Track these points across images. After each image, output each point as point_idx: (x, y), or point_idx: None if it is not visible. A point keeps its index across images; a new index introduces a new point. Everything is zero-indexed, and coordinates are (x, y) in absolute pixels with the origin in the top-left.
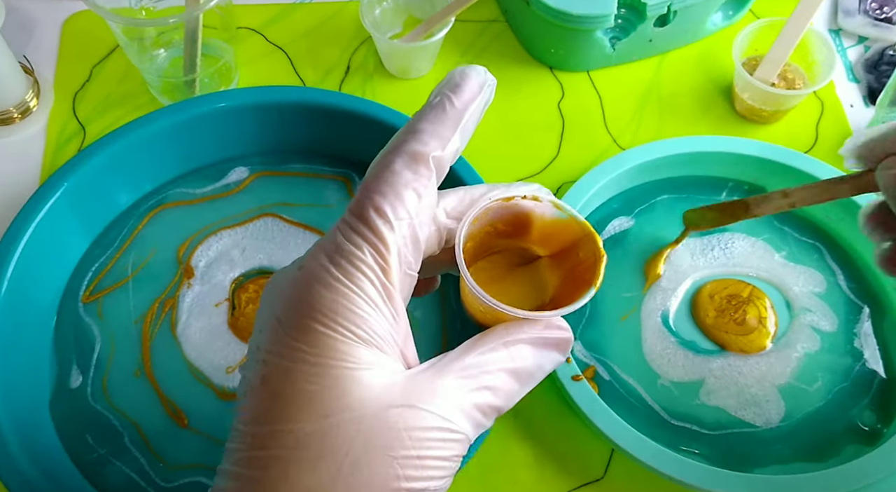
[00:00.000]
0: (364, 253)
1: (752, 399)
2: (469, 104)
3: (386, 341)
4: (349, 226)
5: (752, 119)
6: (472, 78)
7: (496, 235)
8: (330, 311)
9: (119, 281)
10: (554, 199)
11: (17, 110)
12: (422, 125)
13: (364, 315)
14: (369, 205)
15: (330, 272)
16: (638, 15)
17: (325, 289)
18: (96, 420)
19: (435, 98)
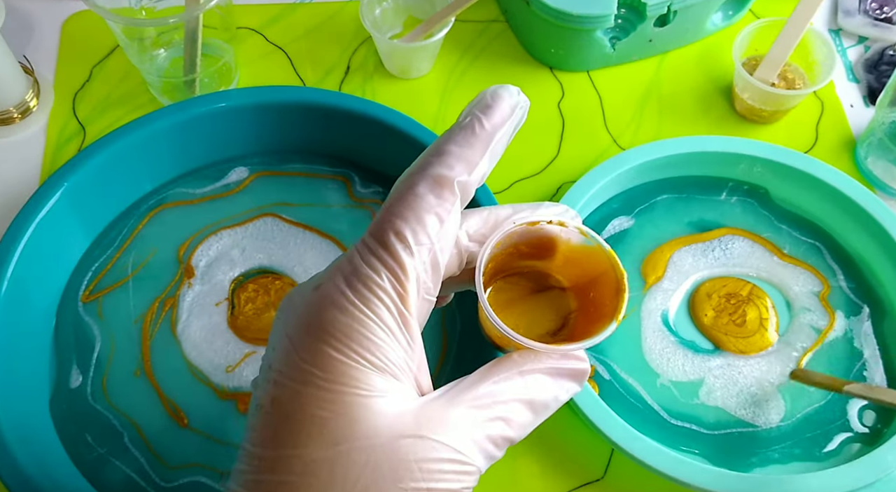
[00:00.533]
0: (382, 278)
1: (751, 399)
2: (500, 127)
3: (400, 369)
4: (368, 249)
5: (752, 119)
6: (504, 99)
7: (518, 257)
8: (344, 336)
9: (119, 281)
10: (580, 225)
11: (17, 110)
12: (449, 147)
13: (379, 342)
14: (390, 229)
15: (346, 296)
16: (638, 15)
17: (340, 313)
18: (96, 420)
19: (465, 118)
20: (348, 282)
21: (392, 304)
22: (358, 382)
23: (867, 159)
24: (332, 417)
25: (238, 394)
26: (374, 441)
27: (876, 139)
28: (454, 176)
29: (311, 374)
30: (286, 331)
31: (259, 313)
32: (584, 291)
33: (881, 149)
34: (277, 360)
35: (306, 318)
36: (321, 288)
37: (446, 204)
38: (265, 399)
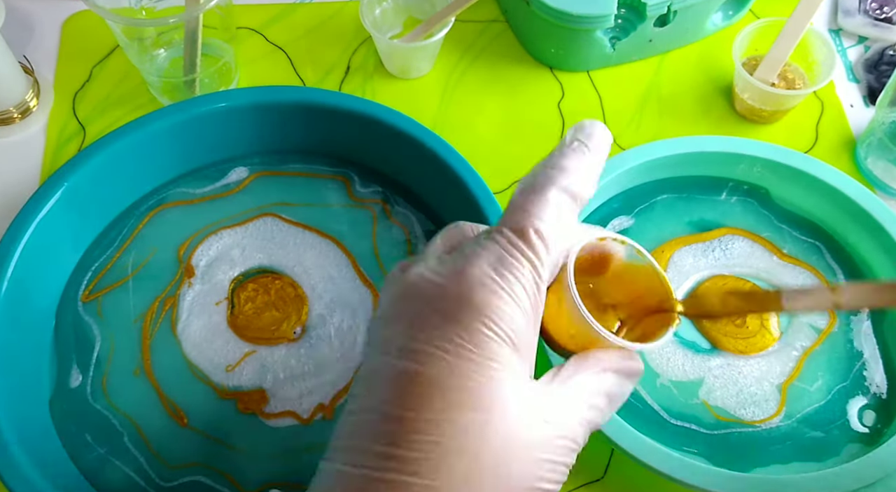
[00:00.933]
0: (524, 266)
1: (751, 399)
2: (600, 157)
3: (529, 350)
4: (509, 241)
5: (752, 119)
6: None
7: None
8: (496, 316)
9: (119, 280)
10: (636, 245)
11: (17, 110)
12: (567, 163)
13: (521, 324)
14: (530, 226)
15: (495, 280)
16: (638, 15)
17: (490, 295)
18: (96, 419)
19: (572, 143)
20: (495, 268)
21: (531, 290)
22: (505, 359)
23: (867, 159)
24: (480, 387)
25: (238, 393)
26: (515, 414)
27: (876, 139)
28: (577, 191)
29: (466, 348)
30: (434, 309)
31: (259, 313)
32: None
33: (881, 149)
34: (424, 334)
35: (458, 297)
36: (468, 272)
37: (569, 211)
38: (412, 367)
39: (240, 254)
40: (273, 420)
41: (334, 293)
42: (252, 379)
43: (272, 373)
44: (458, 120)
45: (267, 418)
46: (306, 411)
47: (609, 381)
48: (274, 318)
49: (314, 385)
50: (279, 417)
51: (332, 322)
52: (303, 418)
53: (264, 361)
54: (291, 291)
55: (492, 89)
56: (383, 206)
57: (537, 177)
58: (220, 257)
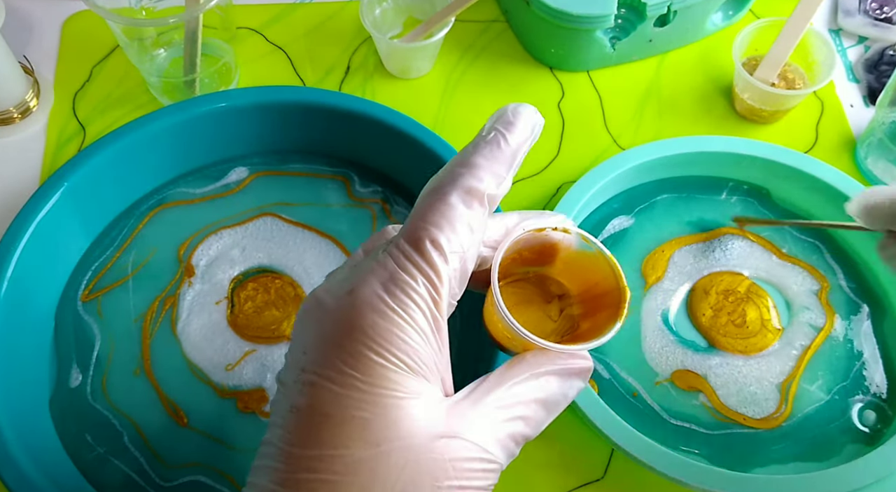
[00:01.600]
0: (418, 284)
1: (751, 398)
2: (522, 143)
3: (431, 371)
4: (403, 255)
5: (752, 119)
6: (526, 117)
7: (521, 262)
8: (384, 340)
9: (119, 280)
10: (583, 232)
11: (17, 110)
12: (477, 159)
13: (415, 346)
14: (426, 236)
15: (384, 301)
16: (638, 15)
17: (379, 317)
18: (96, 419)
19: (489, 133)
20: (385, 287)
21: (427, 308)
22: (396, 384)
23: (867, 159)
24: (372, 418)
25: (238, 392)
26: (412, 442)
27: (876, 139)
28: (484, 189)
29: (351, 376)
30: (322, 334)
31: (259, 312)
32: (585, 295)
33: (881, 149)
34: (313, 362)
35: (345, 322)
36: (357, 292)
37: (477, 215)
38: (300, 401)
39: (240, 253)
40: None
41: None
42: (252, 378)
43: (272, 372)
44: (458, 120)
45: (267, 417)
46: None
47: (545, 386)
48: (274, 317)
49: None
50: None
51: None
52: None
53: (264, 361)
54: (291, 290)
55: (492, 89)
56: (383, 205)
57: (441, 177)
58: (220, 257)
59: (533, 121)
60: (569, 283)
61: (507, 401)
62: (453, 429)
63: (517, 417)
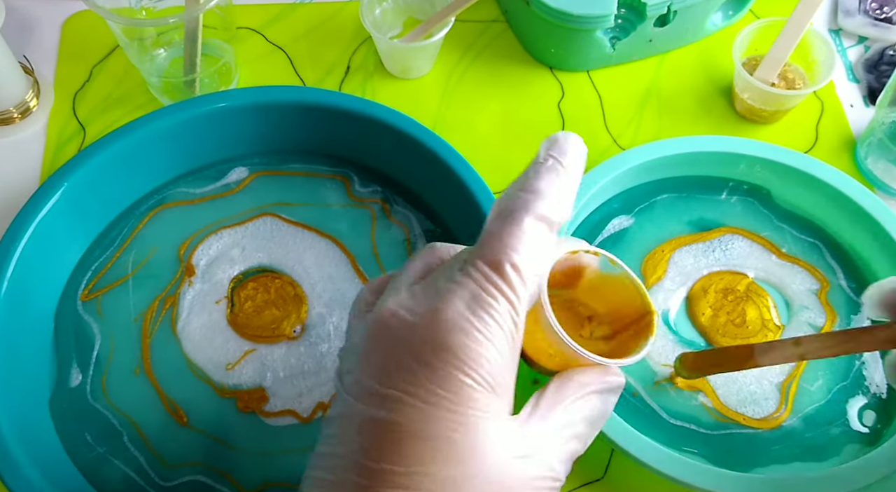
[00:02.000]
0: (500, 304)
1: (751, 397)
2: (576, 172)
3: (507, 389)
4: (484, 277)
5: (752, 119)
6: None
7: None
8: (471, 360)
9: (119, 279)
10: (609, 255)
11: (17, 110)
12: (541, 186)
13: (498, 367)
14: (506, 260)
15: (470, 321)
16: (638, 15)
17: (466, 338)
18: (95, 419)
19: (546, 160)
20: (470, 308)
21: (508, 330)
22: (481, 404)
23: (867, 159)
24: (458, 437)
25: (237, 392)
26: (494, 460)
27: (876, 139)
28: (553, 217)
29: (440, 396)
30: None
31: (259, 311)
32: (613, 316)
33: (881, 149)
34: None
35: (433, 341)
36: (443, 312)
37: (546, 241)
38: (382, 415)
39: (240, 253)
40: (273, 419)
41: (334, 292)
42: (252, 378)
43: (272, 371)
44: (458, 120)
45: (267, 416)
46: (306, 409)
47: (590, 404)
48: (274, 316)
49: (314, 384)
50: (279, 415)
51: (332, 321)
52: (303, 417)
53: (264, 360)
54: (291, 290)
55: (492, 89)
56: (382, 205)
57: (512, 202)
58: (220, 257)
59: (582, 149)
60: (595, 304)
61: (565, 420)
62: (529, 449)
63: (573, 436)
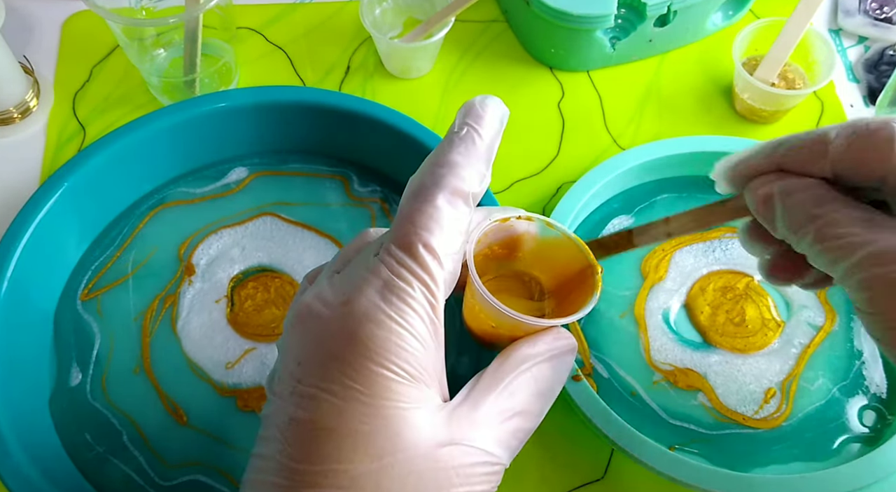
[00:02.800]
0: (414, 289)
1: (750, 397)
2: (495, 138)
3: (430, 376)
4: (396, 261)
5: (752, 119)
6: (493, 109)
7: (493, 259)
8: (384, 350)
9: (119, 279)
10: (545, 218)
11: (17, 110)
12: (455, 158)
13: (416, 353)
14: (418, 241)
15: (382, 310)
16: (638, 15)
17: (378, 327)
18: (95, 418)
19: (461, 129)
20: (382, 296)
21: (425, 313)
22: (398, 395)
23: None
24: (374, 430)
25: (237, 391)
26: (415, 452)
27: None
28: (468, 188)
29: (353, 389)
30: (319, 345)
31: (259, 310)
32: (559, 279)
33: None
34: (311, 374)
35: (344, 333)
36: (354, 302)
37: (463, 215)
38: (300, 414)
39: (240, 253)
40: None
41: None
42: (252, 376)
43: None
44: None
45: None
46: None
47: (539, 375)
48: (274, 315)
49: None
50: None
51: None
52: None
53: (264, 359)
54: (290, 289)
55: (492, 89)
56: (382, 205)
57: (424, 178)
58: (220, 256)
59: (501, 112)
60: (541, 272)
61: (503, 399)
62: (455, 436)
63: (515, 413)
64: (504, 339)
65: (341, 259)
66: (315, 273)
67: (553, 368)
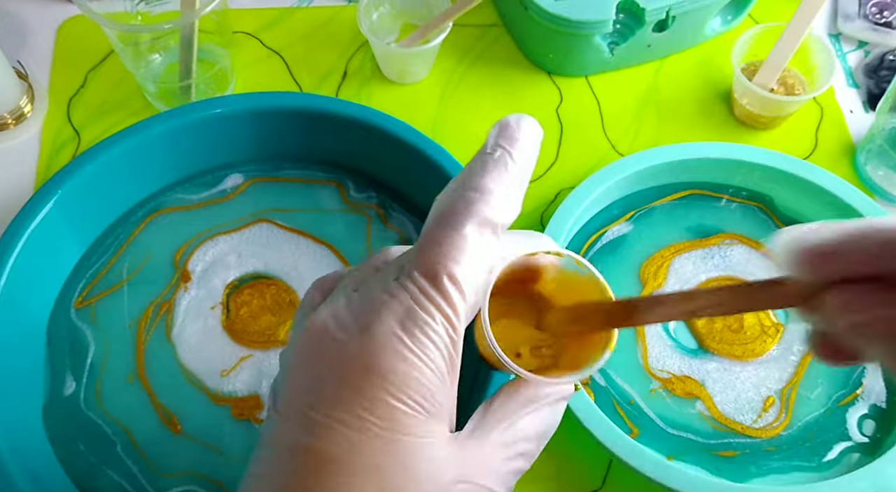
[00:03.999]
0: (436, 322)
1: (749, 405)
2: (529, 162)
3: (445, 409)
4: (420, 289)
5: (751, 125)
6: (528, 130)
7: (515, 282)
8: (403, 384)
9: (113, 286)
10: (575, 255)
11: (12, 116)
12: (488, 183)
13: (433, 388)
14: (443, 271)
15: (403, 342)
16: (636, 20)
17: (397, 360)
18: (89, 428)
19: (495, 151)
20: (403, 325)
21: (444, 348)
22: (414, 429)
23: (867, 165)
24: (387, 465)
25: (232, 399)
26: (427, 488)
27: (876, 145)
28: (498, 220)
29: (368, 421)
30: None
31: (255, 317)
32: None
33: (881, 155)
34: (323, 402)
35: (362, 363)
36: (373, 330)
37: (491, 246)
38: (308, 441)
39: (235, 259)
40: None
41: None
42: (247, 384)
43: (267, 378)
44: (456, 125)
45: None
46: None
47: (540, 418)
48: (270, 322)
49: None
50: None
51: None
52: None
53: (260, 366)
54: (286, 296)
55: (490, 94)
56: (378, 211)
57: (454, 202)
58: (215, 263)
59: (536, 134)
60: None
61: (508, 439)
62: (464, 473)
63: (517, 454)
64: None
65: (359, 276)
66: (324, 282)
67: (553, 411)
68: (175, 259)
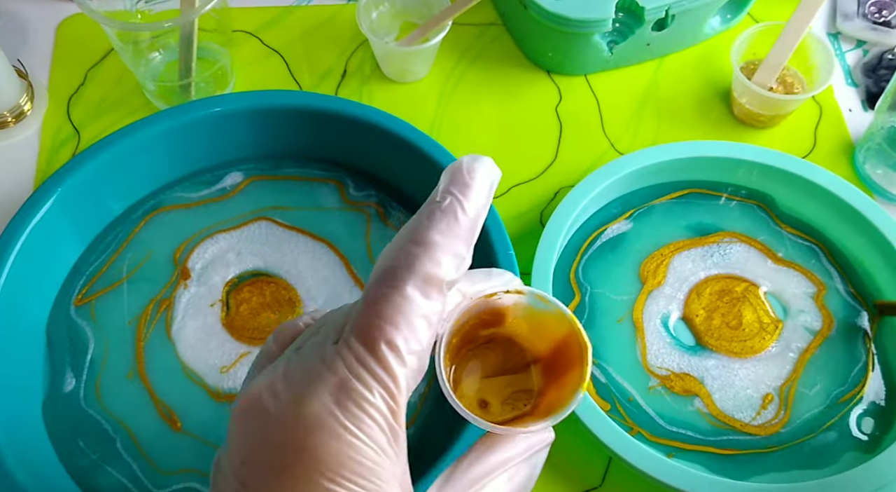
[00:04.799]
0: (374, 395)
1: (748, 402)
2: (481, 211)
3: (388, 484)
4: (356, 358)
5: (750, 123)
6: (483, 176)
7: (481, 326)
8: (338, 464)
9: (113, 283)
10: (538, 291)
11: (11, 114)
12: (434, 237)
13: (372, 466)
14: (381, 337)
15: (337, 419)
16: (636, 19)
17: (332, 439)
18: (88, 425)
19: (444, 199)
20: (338, 401)
21: (384, 421)
22: None
23: (865, 164)
24: None
25: (232, 396)
26: None
27: (874, 144)
28: (443, 275)
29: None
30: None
31: (254, 314)
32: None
33: (880, 154)
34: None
35: (293, 442)
36: (305, 405)
37: (435, 305)
38: None
39: (235, 257)
40: None
41: (328, 295)
42: None
43: None
44: (455, 124)
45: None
46: None
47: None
48: (269, 319)
49: None
50: None
51: None
52: None
53: None
54: (286, 293)
55: (489, 93)
56: (377, 208)
57: (396, 258)
58: (215, 260)
59: (491, 178)
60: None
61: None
62: None
63: None
64: None
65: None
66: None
67: (531, 465)
68: (175, 257)
